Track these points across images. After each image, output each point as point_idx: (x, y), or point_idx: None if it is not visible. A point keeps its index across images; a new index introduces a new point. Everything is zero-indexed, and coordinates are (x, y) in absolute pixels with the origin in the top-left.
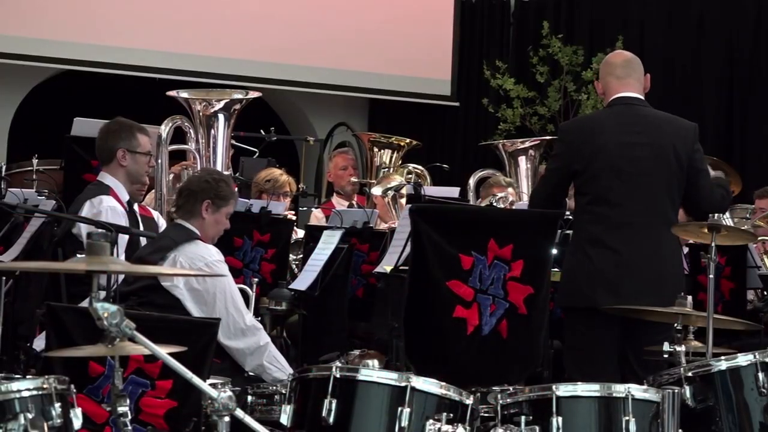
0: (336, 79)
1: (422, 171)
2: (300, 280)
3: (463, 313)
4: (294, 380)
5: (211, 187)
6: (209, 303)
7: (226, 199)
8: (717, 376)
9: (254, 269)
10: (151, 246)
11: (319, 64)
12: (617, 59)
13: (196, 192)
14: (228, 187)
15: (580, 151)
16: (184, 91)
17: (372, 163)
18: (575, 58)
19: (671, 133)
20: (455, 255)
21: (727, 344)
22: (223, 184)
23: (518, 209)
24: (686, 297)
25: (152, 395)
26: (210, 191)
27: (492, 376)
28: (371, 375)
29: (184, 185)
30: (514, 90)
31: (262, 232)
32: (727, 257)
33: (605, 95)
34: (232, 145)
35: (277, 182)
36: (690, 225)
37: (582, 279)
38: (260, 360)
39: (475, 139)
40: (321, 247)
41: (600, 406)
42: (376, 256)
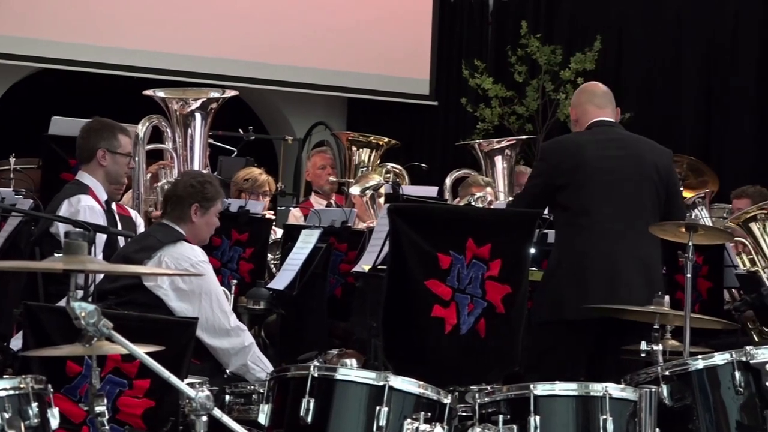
0: (315, 78)
1: (401, 170)
2: (278, 280)
3: (441, 312)
4: (272, 380)
5: (197, 190)
6: (194, 303)
7: (213, 200)
8: (694, 375)
9: (232, 268)
10: (137, 244)
11: (298, 63)
12: (597, 89)
13: (183, 197)
14: (213, 188)
15: (561, 167)
16: (161, 90)
17: (350, 163)
18: (553, 58)
19: (650, 151)
20: (433, 254)
21: (704, 343)
22: (208, 186)
23: (496, 209)
24: (663, 296)
25: (130, 395)
26: (197, 195)
27: (470, 375)
28: (349, 374)
29: (170, 191)
30: (492, 89)
31: (241, 231)
32: (704, 256)
33: (579, 122)
34: (210, 145)
35: (255, 181)
36: (667, 224)
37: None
38: (244, 360)
39: (454, 138)
40: (299, 246)
41: (577, 405)
42: (355, 255)
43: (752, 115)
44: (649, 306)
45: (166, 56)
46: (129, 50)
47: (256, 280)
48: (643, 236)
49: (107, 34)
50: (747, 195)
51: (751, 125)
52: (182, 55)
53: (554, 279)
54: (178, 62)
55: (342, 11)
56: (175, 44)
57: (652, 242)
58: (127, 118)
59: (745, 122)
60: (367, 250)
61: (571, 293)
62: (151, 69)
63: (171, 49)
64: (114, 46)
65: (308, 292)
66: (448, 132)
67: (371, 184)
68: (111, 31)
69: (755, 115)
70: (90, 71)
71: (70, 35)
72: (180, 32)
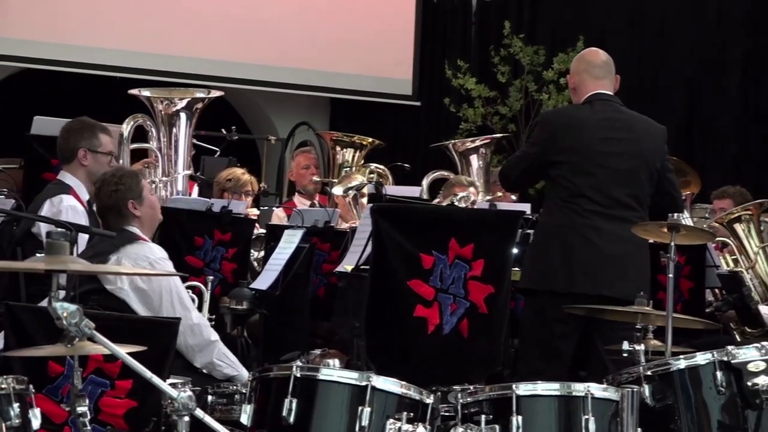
0: (298, 79)
1: (384, 170)
2: (261, 280)
3: (424, 312)
4: (254, 380)
5: (121, 189)
6: (155, 302)
7: (139, 185)
8: (676, 375)
9: (215, 268)
10: (91, 249)
11: (281, 63)
12: (596, 58)
13: (113, 205)
14: (131, 177)
15: (559, 142)
16: (146, 90)
17: (334, 163)
18: (536, 58)
19: (646, 134)
20: (416, 254)
21: (686, 343)
22: (125, 179)
23: (479, 209)
24: (645, 296)
25: (112, 395)
26: (124, 193)
27: (452, 375)
28: (332, 374)
29: (99, 207)
30: (475, 90)
31: (224, 231)
32: (686, 257)
33: (577, 90)
34: (193, 144)
35: (238, 181)
36: (649, 224)
37: (558, 263)
38: (210, 357)
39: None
40: (282, 246)
41: (560, 405)
42: (338, 255)
43: (734, 116)
44: (631, 306)
45: (149, 56)
46: (113, 50)
47: (238, 280)
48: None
49: (91, 35)
50: (728, 195)
51: (733, 126)
52: (165, 55)
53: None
54: (161, 62)
55: (325, 11)
56: (158, 44)
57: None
58: (112, 118)
59: (727, 123)
60: (350, 250)
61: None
62: (133, 69)
63: (153, 49)
64: (98, 47)
65: (291, 293)
66: (431, 132)
67: (354, 185)
68: (95, 31)
69: (737, 116)
70: (73, 71)
71: (53, 35)
72: (162, 32)
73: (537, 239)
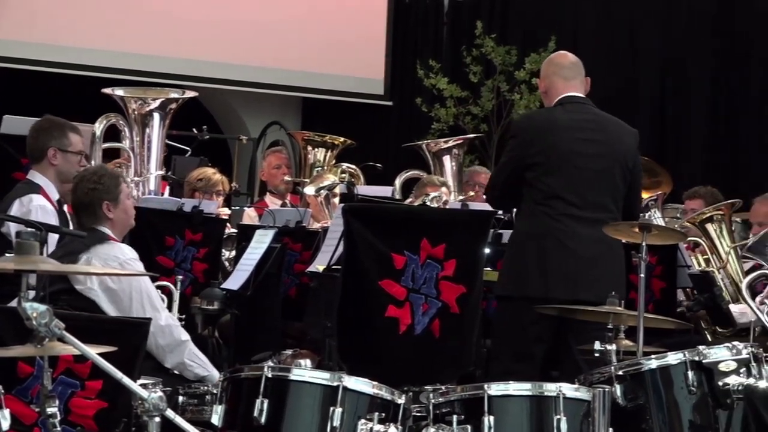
0: (269, 78)
1: (356, 170)
2: (232, 280)
3: (396, 312)
4: (225, 380)
5: (98, 189)
6: (125, 302)
7: (118, 187)
8: (647, 375)
9: (186, 269)
10: (62, 249)
11: (252, 62)
12: (565, 60)
13: (88, 203)
14: (109, 177)
15: (533, 146)
16: (120, 89)
17: (305, 162)
18: (508, 58)
19: (618, 135)
20: (388, 254)
21: (657, 343)
22: (105, 178)
23: (451, 209)
24: (617, 296)
25: (82, 396)
26: (100, 193)
27: (424, 375)
28: (303, 375)
29: (74, 203)
30: (447, 89)
31: (195, 231)
32: (657, 256)
33: (548, 94)
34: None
35: (209, 181)
36: (621, 224)
37: (533, 270)
38: (180, 357)
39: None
40: (253, 246)
41: (531, 405)
42: (309, 255)
43: (705, 116)
44: (602, 306)
45: (122, 55)
46: (84, 49)
47: (210, 280)
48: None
49: (62, 34)
50: (699, 196)
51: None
52: (137, 54)
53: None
54: (132, 61)
55: (296, 11)
56: (129, 43)
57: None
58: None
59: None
60: (322, 250)
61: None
62: (106, 68)
63: (124, 47)
64: (69, 46)
65: (262, 293)
66: (402, 132)
67: (326, 184)
68: (67, 30)
69: (708, 116)
70: (44, 70)
71: (25, 34)
72: (135, 32)
73: (512, 244)
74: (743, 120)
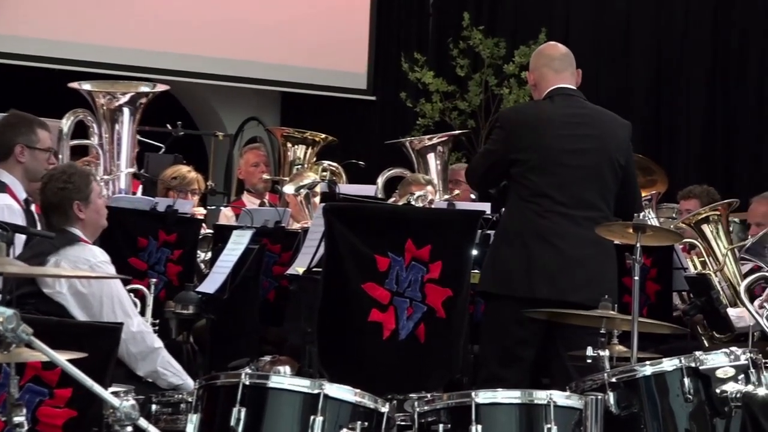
0: (247, 72)
1: (337, 168)
2: (208, 283)
3: (379, 316)
4: (201, 388)
5: (68, 188)
6: (95, 307)
7: (88, 187)
8: (642, 382)
9: (160, 271)
10: (29, 251)
11: (229, 55)
12: (555, 52)
13: (58, 203)
14: (80, 176)
15: (521, 140)
16: (87, 83)
17: (285, 160)
18: (497, 51)
19: (610, 130)
20: (371, 256)
21: (652, 349)
22: (75, 177)
23: (437, 208)
24: (610, 299)
25: (50, 404)
26: (71, 193)
27: (409, 382)
28: (282, 382)
29: (43, 203)
30: (433, 84)
31: (169, 232)
32: (652, 258)
33: (537, 87)
34: (137, 141)
35: (184, 179)
36: (615, 225)
37: (518, 268)
38: (153, 365)
39: (393, 134)
40: (230, 247)
41: (521, 413)
42: (289, 257)
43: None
44: (595, 310)
45: (87, 47)
46: (50, 41)
47: (184, 283)
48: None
49: (29, 25)
50: (695, 195)
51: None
52: (107, 46)
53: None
54: (101, 54)
55: (276, 1)
56: (97, 35)
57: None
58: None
59: (693, 121)
60: (302, 251)
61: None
62: (73, 61)
63: (93, 39)
64: (34, 37)
65: (240, 296)
66: (386, 128)
67: (306, 183)
68: (33, 21)
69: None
70: (7, 63)
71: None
72: (104, 22)
73: (497, 241)
74: (741, 115)
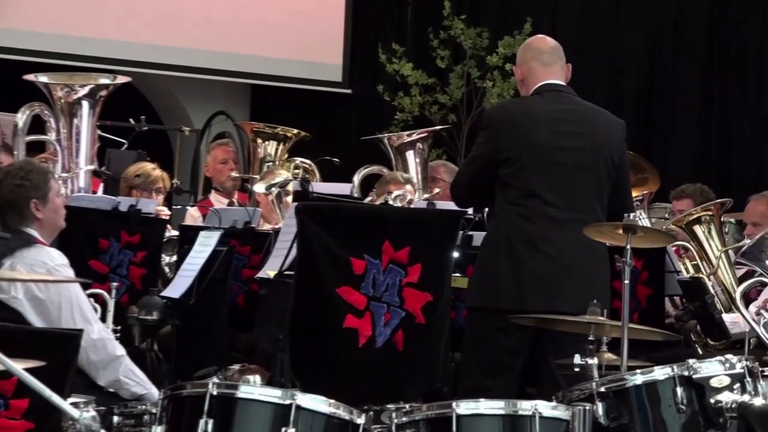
0: (215, 63)
1: (311, 165)
2: (173, 287)
3: (355, 322)
4: (166, 398)
5: (26, 186)
6: (54, 313)
7: (46, 185)
8: (632, 392)
9: (122, 274)
10: None
11: (196, 45)
12: (544, 45)
13: (15, 201)
14: (38, 173)
15: (508, 139)
16: (44, 75)
17: (255, 157)
18: (479, 42)
19: (604, 128)
20: (346, 258)
21: (643, 356)
22: (32, 174)
23: (416, 208)
24: (599, 304)
25: (6, 416)
26: (28, 191)
27: (386, 392)
28: (252, 392)
29: None
30: (412, 76)
31: (131, 233)
32: (643, 261)
33: (525, 82)
34: (98, 136)
35: (148, 177)
36: (604, 226)
37: (508, 279)
38: (115, 374)
39: (370, 130)
40: (197, 249)
41: (504, 424)
42: (259, 259)
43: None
44: (583, 316)
45: (45, 37)
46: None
47: (148, 287)
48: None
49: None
50: (688, 195)
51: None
52: (64, 35)
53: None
54: (59, 44)
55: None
56: (56, 24)
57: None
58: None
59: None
60: (273, 254)
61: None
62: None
63: (51, 29)
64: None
65: (207, 301)
66: (363, 123)
67: (278, 181)
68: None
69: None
70: None
71: None
72: (63, 10)
73: (483, 250)
74: (737, 110)
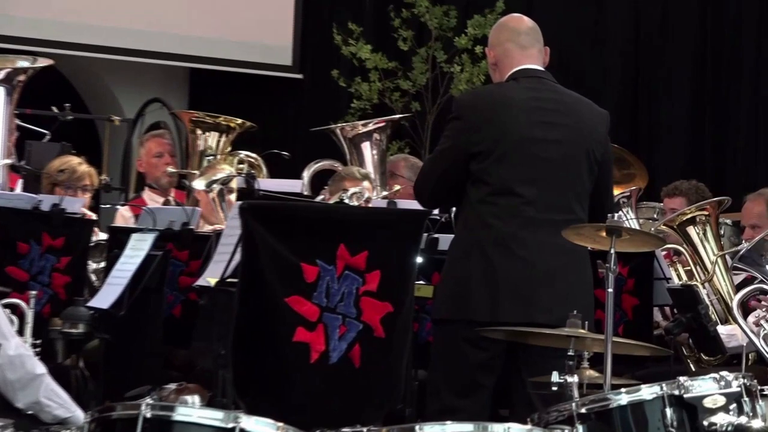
0: (149, 44)
1: (256, 160)
2: (101, 297)
3: (306, 336)
4: (93, 421)
5: None
6: None
7: None
8: (616, 413)
9: (43, 282)
10: None
11: (127, 25)
12: (520, 25)
13: None
14: None
15: (480, 131)
16: None
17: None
18: (446, 22)
19: (587, 119)
20: (296, 264)
21: (629, 374)
22: None
23: (375, 208)
24: (580, 316)
25: None
26: None
27: (342, 414)
28: (190, 414)
29: None
30: (371, 60)
31: (54, 235)
32: (629, 267)
33: (498, 66)
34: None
35: (73, 173)
36: (585, 227)
37: (479, 287)
38: (35, 395)
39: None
40: (128, 254)
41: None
42: (198, 265)
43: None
44: (562, 328)
45: None
46: None
47: (73, 296)
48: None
49: None
50: (681, 192)
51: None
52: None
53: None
54: None
55: None
56: None
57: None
58: None
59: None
60: (214, 259)
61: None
62: None
63: None
64: None
65: (139, 312)
66: (315, 112)
67: (220, 177)
68: None
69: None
70: None
71: None
72: None
73: (451, 255)
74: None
